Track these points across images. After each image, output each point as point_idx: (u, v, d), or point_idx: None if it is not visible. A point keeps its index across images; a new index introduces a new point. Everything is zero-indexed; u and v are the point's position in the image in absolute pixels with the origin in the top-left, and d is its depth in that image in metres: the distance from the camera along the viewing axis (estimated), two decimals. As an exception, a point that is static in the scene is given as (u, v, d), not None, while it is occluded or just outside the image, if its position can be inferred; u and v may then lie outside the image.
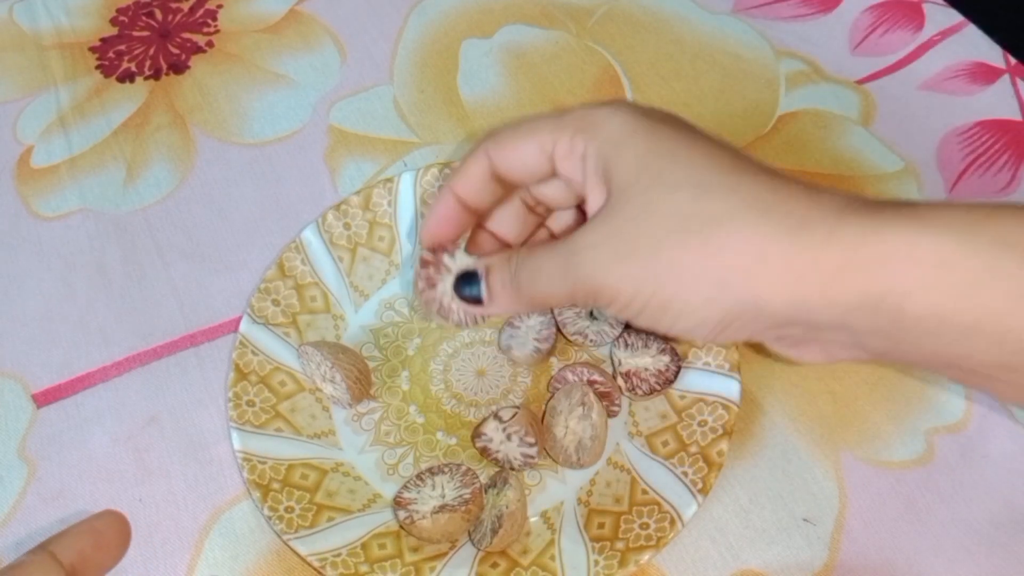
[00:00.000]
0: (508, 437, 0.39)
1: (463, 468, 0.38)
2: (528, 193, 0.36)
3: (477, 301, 0.35)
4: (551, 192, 0.35)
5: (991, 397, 0.41)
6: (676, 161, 0.30)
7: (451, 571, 0.36)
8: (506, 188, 0.36)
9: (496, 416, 0.39)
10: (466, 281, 0.35)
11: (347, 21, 0.58)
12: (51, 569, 0.29)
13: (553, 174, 0.34)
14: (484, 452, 0.40)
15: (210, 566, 0.38)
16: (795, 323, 0.30)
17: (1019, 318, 0.27)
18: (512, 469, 0.39)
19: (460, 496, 0.37)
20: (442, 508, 0.36)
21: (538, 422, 0.40)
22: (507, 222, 0.37)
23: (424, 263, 0.36)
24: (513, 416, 0.39)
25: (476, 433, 0.40)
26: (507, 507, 0.36)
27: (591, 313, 0.43)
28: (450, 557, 0.37)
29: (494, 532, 0.36)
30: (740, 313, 0.30)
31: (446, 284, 0.36)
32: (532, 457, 0.39)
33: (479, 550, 0.37)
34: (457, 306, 0.36)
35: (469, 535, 0.38)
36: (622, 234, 0.31)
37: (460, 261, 0.36)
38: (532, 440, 0.38)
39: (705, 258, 0.29)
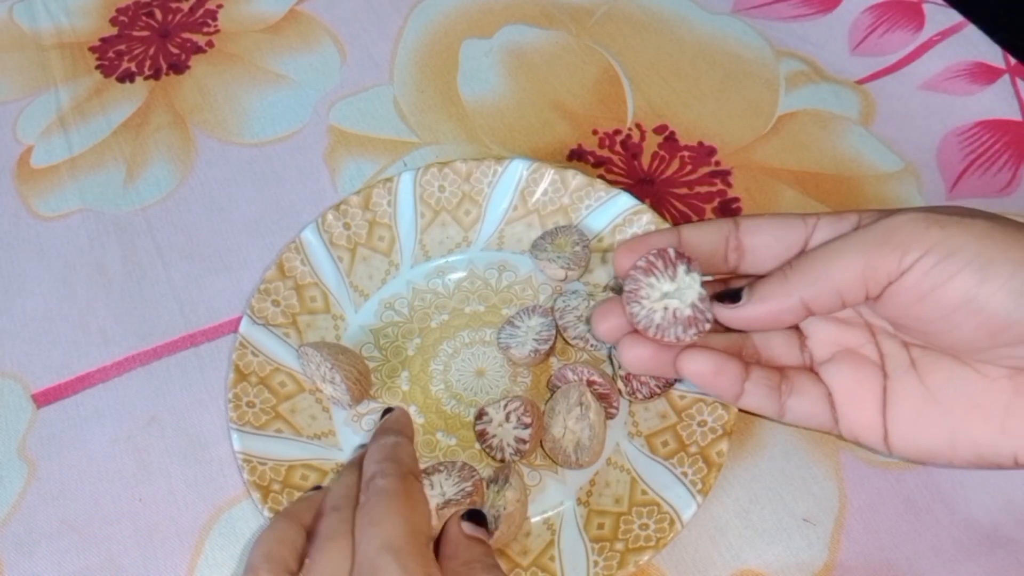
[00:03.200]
0: (507, 417, 0.39)
1: (459, 464, 0.38)
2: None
3: (735, 298, 0.33)
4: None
5: None
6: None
7: (451, 571, 0.36)
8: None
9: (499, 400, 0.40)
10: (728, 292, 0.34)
11: (347, 21, 0.58)
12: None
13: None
14: (482, 436, 0.40)
15: (210, 566, 0.38)
16: None
17: None
18: (502, 461, 0.39)
19: (462, 490, 0.36)
20: (446, 504, 0.36)
21: (539, 411, 0.40)
22: None
23: (659, 253, 0.33)
24: (516, 399, 0.39)
25: (479, 414, 0.40)
26: (504, 508, 0.36)
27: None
28: (450, 557, 0.37)
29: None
30: None
31: (658, 289, 0.33)
32: (524, 443, 0.38)
33: (479, 550, 0.37)
34: (647, 309, 0.33)
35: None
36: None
37: (691, 283, 0.33)
38: (528, 421, 0.38)
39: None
